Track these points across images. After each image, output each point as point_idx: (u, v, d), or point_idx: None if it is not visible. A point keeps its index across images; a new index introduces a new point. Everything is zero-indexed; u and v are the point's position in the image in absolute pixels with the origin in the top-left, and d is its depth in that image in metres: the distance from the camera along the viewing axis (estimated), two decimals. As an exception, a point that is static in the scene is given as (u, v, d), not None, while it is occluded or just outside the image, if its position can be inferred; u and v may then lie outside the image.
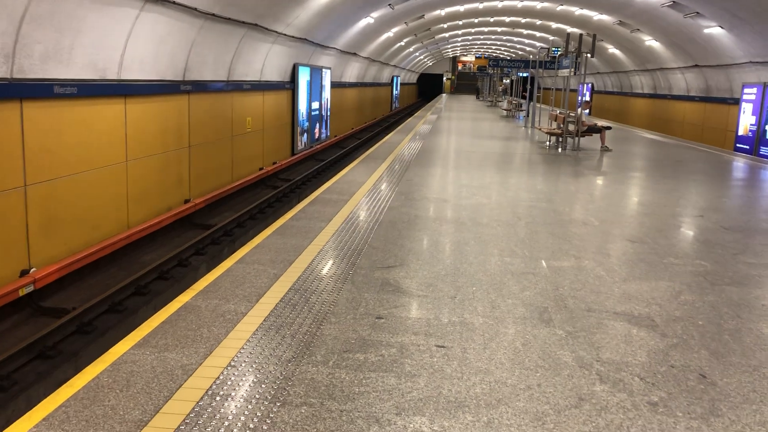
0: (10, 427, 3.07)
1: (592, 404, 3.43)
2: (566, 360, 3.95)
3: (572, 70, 17.26)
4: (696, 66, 24.19)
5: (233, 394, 3.43)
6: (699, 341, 4.31)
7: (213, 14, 11.53)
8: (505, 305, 4.87)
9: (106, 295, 7.76)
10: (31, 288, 7.39)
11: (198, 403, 3.32)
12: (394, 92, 47.92)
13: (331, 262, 5.85)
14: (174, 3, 9.97)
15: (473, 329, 4.39)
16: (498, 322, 4.54)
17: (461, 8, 27.97)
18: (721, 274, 5.88)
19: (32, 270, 7.68)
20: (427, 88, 72.91)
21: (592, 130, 16.94)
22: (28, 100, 7.65)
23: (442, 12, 27.81)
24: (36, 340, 6.54)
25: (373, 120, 37.33)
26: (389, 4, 21.36)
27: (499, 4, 28.11)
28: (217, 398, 3.38)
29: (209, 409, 3.26)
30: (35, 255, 7.89)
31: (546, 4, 27.09)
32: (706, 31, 20.71)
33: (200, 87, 12.43)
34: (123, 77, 9.62)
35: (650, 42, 26.29)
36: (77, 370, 6.49)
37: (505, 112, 33.15)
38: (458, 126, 24.47)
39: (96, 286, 8.51)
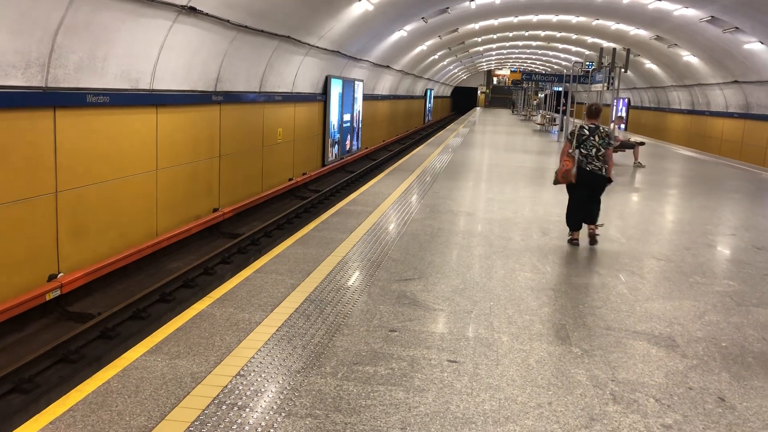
0: (18, 429, 3.11)
1: (603, 425, 3.34)
2: (580, 379, 3.86)
3: (605, 84, 17.04)
4: (735, 82, 23.72)
5: (239, 403, 3.42)
6: (720, 363, 4.18)
7: (245, 26, 11.69)
8: (522, 321, 4.80)
9: (131, 302, 7.86)
10: (57, 293, 7.52)
11: (204, 411, 3.33)
12: (428, 105, 47.94)
13: (349, 273, 5.83)
14: (207, 15, 10.13)
15: (487, 345, 4.32)
16: (513, 338, 4.47)
17: (495, 22, 27.90)
18: (749, 295, 5.71)
19: (60, 275, 7.82)
20: (461, 101, 72.74)
21: (625, 145, 16.70)
22: (61, 108, 7.83)
23: (476, 26, 27.74)
24: (60, 344, 6.65)
25: (405, 132, 37.37)
26: (423, 18, 21.38)
27: (534, 18, 27.97)
28: (223, 407, 3.38)
29: (214, 418, 3.27)
30: (64, 260, 8.04)
31: (581, 19, 26.86)
32: (746, 46, 20.31)
33: (232, 98, 12.59)
34: (155, 87, 9.78)
35: (688, 57, 25.87)
36: (99, 374, 6.57)
37: (538, 126, 32.92)
38: (490, 139, 24.35)
39: (122, 293, 8.64)
